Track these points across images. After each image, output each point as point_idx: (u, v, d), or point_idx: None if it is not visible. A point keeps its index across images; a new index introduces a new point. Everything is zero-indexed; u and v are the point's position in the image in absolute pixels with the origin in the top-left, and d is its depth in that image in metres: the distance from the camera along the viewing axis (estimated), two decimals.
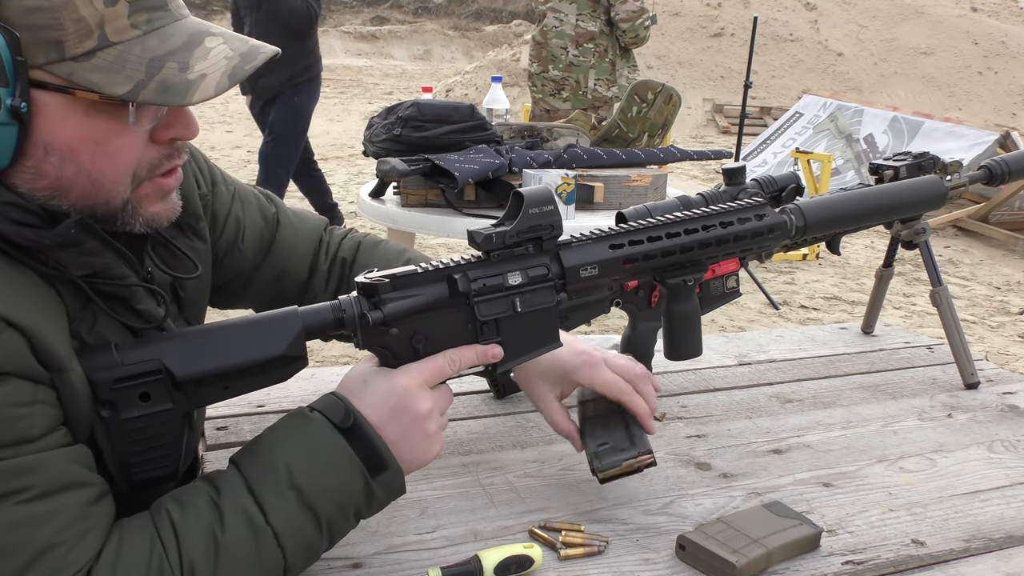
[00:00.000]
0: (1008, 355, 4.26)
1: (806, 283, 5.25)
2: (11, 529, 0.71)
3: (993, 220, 6.57)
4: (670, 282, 1.14)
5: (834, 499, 1.13)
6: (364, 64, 18.45)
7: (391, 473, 0.88)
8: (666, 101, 3.01)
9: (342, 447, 0.85)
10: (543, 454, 1.22)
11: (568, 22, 4.49)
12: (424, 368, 0.92)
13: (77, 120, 0.76)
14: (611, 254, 1.05)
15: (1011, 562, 1.01)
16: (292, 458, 0.84)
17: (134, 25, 0.76)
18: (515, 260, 0.99)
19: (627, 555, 0.99)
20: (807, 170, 6.09)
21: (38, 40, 0.73)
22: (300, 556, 0.84)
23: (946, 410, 1.43)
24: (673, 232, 1.09)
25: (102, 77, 0.74)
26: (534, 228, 0.98)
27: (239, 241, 1.13)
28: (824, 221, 1.22)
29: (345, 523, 0.87)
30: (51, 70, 0.74)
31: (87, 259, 0.81)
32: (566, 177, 2.36)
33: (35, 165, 0.77)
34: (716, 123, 11.31)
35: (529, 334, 1.00)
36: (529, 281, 0.99)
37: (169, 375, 0.85)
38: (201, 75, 0.77)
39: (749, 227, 1.14)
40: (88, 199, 0.80)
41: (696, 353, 1.23)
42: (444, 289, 0.95)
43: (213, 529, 0.79)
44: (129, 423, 0.83)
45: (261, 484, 0.82)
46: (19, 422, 0.72)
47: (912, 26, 13.17)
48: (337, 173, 7.96)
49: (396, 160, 2.43)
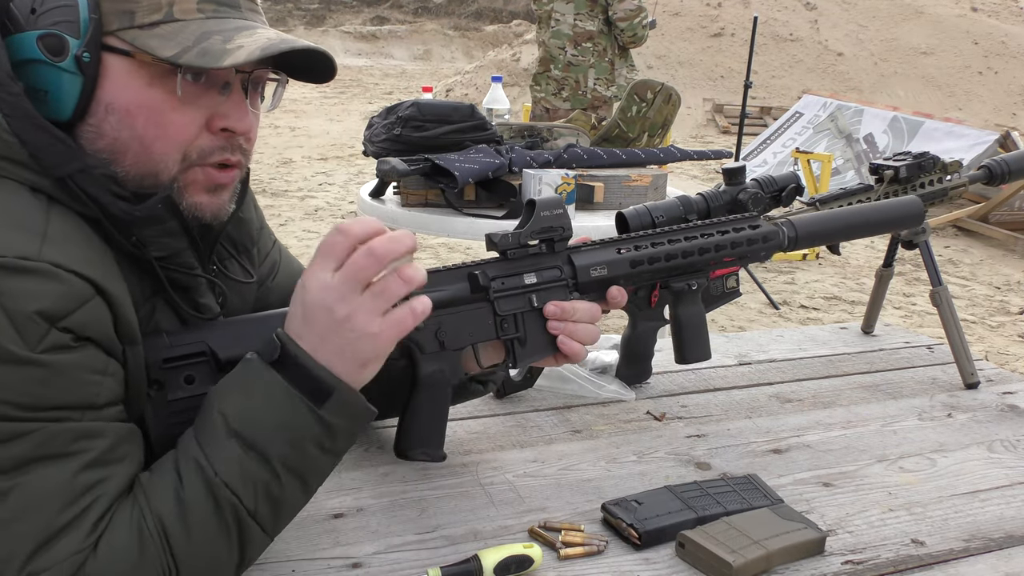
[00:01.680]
0: (1008, 355, 4.26)
1: (806, 283, 5.25)
2: (57, 490, 0.75)
3: (993, 220, 6.56)
4: (675, 286, 1.21)
5: (834, 499, 1.13)
6: (364, 64, 18.46)
7: (339, 396, 0.83)
8: (666, 101, 3.01)
9: (276, 382, 0.82)
10: (543, 454, 1.22)
11: (566, 22, 4.49)
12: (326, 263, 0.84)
13: (138, 87, 0.83)
14: (619, 256, 1.14)
15: (1011, 562, 1.01)
16: (228, 406, 0.83)
17: (200, 9, 0.84)
18: (530, 261, 1.08)
19: (627, 555, 0.99)
20: (807, 170, 6.09)
21: (115, 9, 0.82)
22: (262, 500, 0.82)
23: (946, 410, 1.43)
24: (674, 238, 1.18)
25: (157, 43, 0.81)
26: (546, 229, 1.08)
27: (270, 279, 1.16)
28: (813, 234, 1.28)
29: (307, 459, 0.84)
30: (121, 36, 0.82)
31: (166, 240, 0.87)
32: (566, 177, 2.36)
33: (97, 124, 0.83)
34: (716, 123, 11.31)
35: (545, 330, 1.08)
36: (544, 281, 1.08)
37: (214, 357, 0.90)
38: (239, 46, 0.82)
39: (744, 235, 1.21)
40: (139, 166, 0.84)
41: (704, 356, 1.26)
42: (466, 286, 1.04)
43: (176, 488, 0.80)
44: (173, 404, 0.88)
45: (205, 436, 0.82)
46: (90, 387, 0.77)
47: (912, 26, 13.17)
48: (337, 173, 7.97)
49: (396, 160, 2.42)
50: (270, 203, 6.54)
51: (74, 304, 0.76)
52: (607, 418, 1.35)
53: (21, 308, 0.73)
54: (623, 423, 1.33)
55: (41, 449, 0.74)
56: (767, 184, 1.41)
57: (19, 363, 0.73)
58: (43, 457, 0.75)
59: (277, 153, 8.73)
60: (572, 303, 1.08)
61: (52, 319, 0.74)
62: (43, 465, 0.75)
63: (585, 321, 1.09)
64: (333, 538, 0.99)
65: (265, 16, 0.92)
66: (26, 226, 0.77)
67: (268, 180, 7.42)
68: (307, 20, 20.60)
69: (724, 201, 1.39)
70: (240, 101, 0.88)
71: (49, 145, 0.80)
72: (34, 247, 0.75)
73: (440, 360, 1.04)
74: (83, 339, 0.77)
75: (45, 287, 0.74)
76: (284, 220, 6.11)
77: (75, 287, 0.76)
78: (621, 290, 1.14)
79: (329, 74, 0.91)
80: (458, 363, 1.06)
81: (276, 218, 6.09)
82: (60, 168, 0.80)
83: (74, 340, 0.76)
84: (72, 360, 0.76)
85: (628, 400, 1.41)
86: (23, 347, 0.73)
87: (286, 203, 6.68)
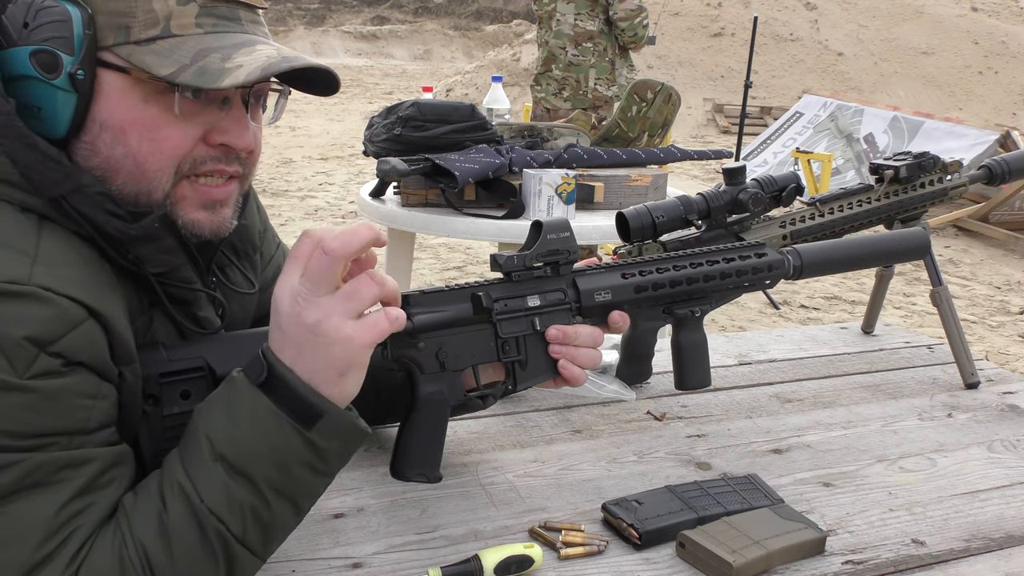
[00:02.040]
0: (1008, 355, 4.26)
1: (806, 283, 5.25)
2: (38, 523, 0.73)
3: (993, 220, 6.56)
4: (678, 312, 1.20)
5: (834, 499, 1.13)
6: (364, 64, 18.46)
7: (330, 419, 0.79)
8: (666, 100, 3.00)
9: (263, 405, 0.78)
10: (543, 454, 1.22)
11: (566, 22, 4.49)
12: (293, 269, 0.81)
13: (133, 103, 0.81)
14: (623, 281, 1.12)
15: (1011, 562, 1.01)
16: (213, 428, 0.79)
17: (199, 24, 0.82)
18: (534, 283, 1.07)
19: (627, 555, 0.99)
20: (807, 170, 6.09)
21: (110, 23, 0.80)
22: (251, 525, 0.79)
23: (946, 410, 1.43)
24: (680, 265, 1.16)
25: (154, 59, 0.80)
26: (552, 252, 1.07)
27: (274, 285, 1.14)
28: (818, 264, 1.26)
29: (297, 482, 0.81)
30: (116, 51, 0.80)
31: (163, 256, 0.86)
32: (566, 177, 2.36)
33: (91, 141, 0.82)
34: (716, 123, 11.31)
35: (546, 354, 1.08)
36: (547, 304, 1.07)
37: (211, 373, 0.89)
38: (238, 65, 0.81)
39: (750, 263, 1.20)
40: (133, 184, 0.83)
41: (704, 383, 1.25)
42: (468, 307, 1.03)
43: (160, 512, 0.78)
44: (168, 419, 0.87)
45: (190, 459, 0.79)
46: (80, 412, 0.76)
47: (912, 26, 13.17)
48: (337, 173, 7.97)
49: (396, 160, 2.42)
50: (270, 203, 6.54)
51: (65, 328, 0.74)
52: (607, 418, 1.35)
53: (10, 334, 0.71)
54: (623, 423, 1.33)
55: (27, 479, 0.73)
56: (767, 184, 1.41)
57: (7, 390, 0.71)
58: (28, 487, 0.73)
59: (277, 153, 8.73)
60: (575, 327, 1.07)
61: (41, 344, 0.72)
62: (27, 496, 0.73)
63: (587, 346, 1.08)
64: (333, 538, 0.99)
65: (265, 17, 0.91)
66: (16, 248, 0.75)
67: (268, 180, 7.42)
68: (307, 20, 20.60)
69: (724, 201, 1.39)
70: (240, 116, 0.86)
71: (40, 165, 0.78)
72: (24, 270, 0.74)
73: (440, 381, 1.03)
74: (74, 364, 0.75)
75: (35, 312, 0.73)
76: (284, 220, 6.11)
77: (66, 311, 0.74)
78: (623, 315, 1.12)
79: (332, 87, 0.90)
80: (458, 384, 1.05)
81: (276, 218, 6.10)
82: (53, 188, 0.78)
83: (64, 365, 0.74)
84: (62, 385, 0.74)
85: (628, 400, 1.41)
86: (12, 374, 0.71)
87: (286, 203, 6.68)
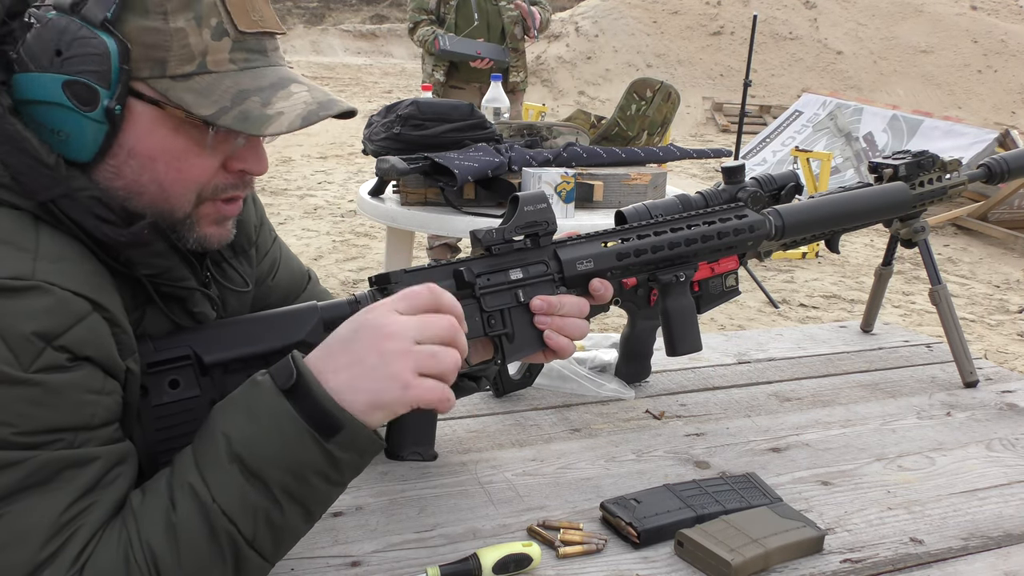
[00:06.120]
0: (1007, 353, 4.26)
1: (805, 281, 5.25)
2: (42, 522, 0.73)
3: (992, 218, 6.56)
4: (662, 278, 1.21)
5: (833, 497, 1.13)
6: (364, 62, 18.44)
7: (348, 433, 0.80)
8: (665, 99, 3.01)
9: (284, 411, 0.79)
10: (542, 452, 1.22)
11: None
12: (402, 304, 0.85)
13: (163, 134, 0.83)
14: (604, 249, 1.14)
15: (1009, 560, 1.01)
16: (232, 428, 0.79)
17: (232, 60, 0.83)
18: (515, 256, 1.08)
19: (625, 553, 0.99)
20: (806, 168, 6.09)
21: (146, 56, 0.80)
22: (262, 528, 0.79)
23: (945, 408, 1.43)
24: (660, 230, 1.18)
25: (193, 98, 0.81)
26: (530, 224, 1.08)
27: (270, 278, 1.15)
28: (800, 223, 1.27)
29: (311, 489, 0.81)
30: (151, 84, 0.81)
31: (154, 260, 0.86)
32: (565, 176, 2.36)
33: (116, 166, 0.83)
34: (715, 121, 11.30)
35: (532, 325, 1.07)
36: (530, 276, 1.08)
37: (198, 360, 0.89)
38: (279, 112, 0.82)
39: (731, 224, 1.22)
40: (155, 206, 0.85)
41: (695, 348, 1.26)
42: (451, 283, 1.02)
43: (168, 511, 0.78)
44: (158, 410, 0.87)
45: (205, 458, 0.80)
46: (85, 407, 0.76)
47: (912, 24, 13.17)
48: (337, 171, 7.96)
49: (395, 158, 2.42)
50: (269, 202, 6.53)
51: (70, 321, 0.75)
52: (606, 417, 1.35)
53: (17, 328, 0.72)
54: (622, 422, 1.33)
55: (31, 478, 0.73)
56: (766, 182, 1.41)
57: (12, 383, 0.71)
58: (32, 486, 0.73)
59: (276, 152, 8.72)
60: (559, 297, 1.07)
61: (48, 338, 0.73)
62: (31, 495, 0.73)
63: (572, 315, 1.07)
64: (332, 536, 0.99)
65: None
66: (16, 245, 0.76)
67: (267, 179, 7.40)
68: (306, 19, 20.58)
69: (723, 200, 1.39)
70: (257, 144, 0.89)
71: (31, 169, 0.78)
72: (27, 266, 0.74)
73: None
74: (81, 358, 0.76)
75: (40, 306, 0.73)
76: (283, 219, 6.11)
77: (71, 304, 0.75)
78: (604, 282, 1.13)
79: (349, 116, 0.90)
80: None
81: (275, 216, 6.09)
82: (41, 193, 0.78)
83: (70, 360, 0.75)
84: (68, 380, 0.75)
85: (627, 399, 1.41)
86: (17, 368, 0.71)
87: (285, 202, 6.68)
